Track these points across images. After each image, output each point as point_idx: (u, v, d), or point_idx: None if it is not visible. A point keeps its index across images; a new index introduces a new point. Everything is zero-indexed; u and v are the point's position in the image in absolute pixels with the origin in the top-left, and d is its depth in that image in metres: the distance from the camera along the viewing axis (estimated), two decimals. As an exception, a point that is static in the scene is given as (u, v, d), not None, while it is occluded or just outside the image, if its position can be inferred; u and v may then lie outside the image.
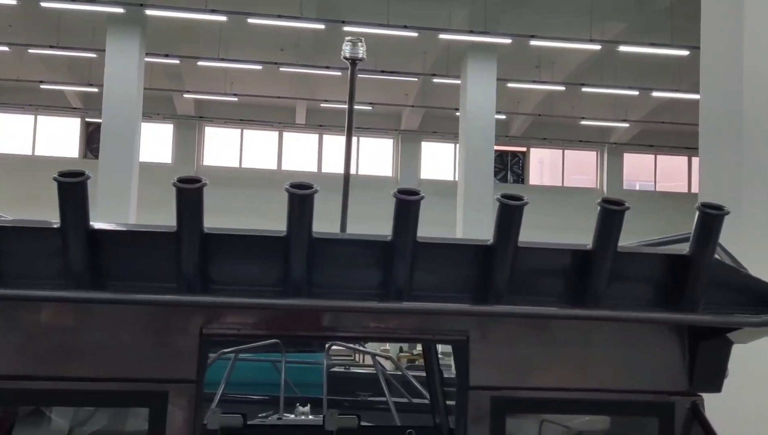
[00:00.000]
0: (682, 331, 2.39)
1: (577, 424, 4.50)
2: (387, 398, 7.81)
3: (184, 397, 2.22)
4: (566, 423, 4.44)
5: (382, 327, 2.33)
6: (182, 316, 2.22)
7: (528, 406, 2.47)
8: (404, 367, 10.88)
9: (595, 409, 2.56)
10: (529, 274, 2.10)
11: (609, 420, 2.93)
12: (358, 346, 12.67)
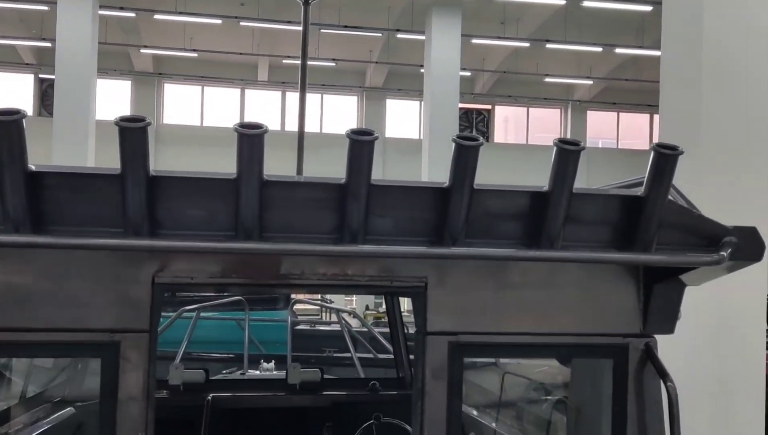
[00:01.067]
0: (636, 274, 2.41)
1: (537, 374, 4.61)
2: (352, 353, 7.88)
3: (137, 348, 2.17)
4: (524, 372, 4.53)
5: (340, 274, 2.30)
6: (132, 264, 2.16)
7: (485, 351, 2.49)
8: (370, 324, 10.95)
9: (551, 352, 2.60)
10: (486, 217, 2.08)
11: (567, 372, 2.98)
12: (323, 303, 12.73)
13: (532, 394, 4.52)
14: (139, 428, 2.18)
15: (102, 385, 2.18)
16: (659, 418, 2.46)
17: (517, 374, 5.01)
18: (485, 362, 5.20)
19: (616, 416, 2.45)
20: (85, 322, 2.14)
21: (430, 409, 2.33)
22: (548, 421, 4.06)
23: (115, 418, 2.17)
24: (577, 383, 2.96)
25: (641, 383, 2.44)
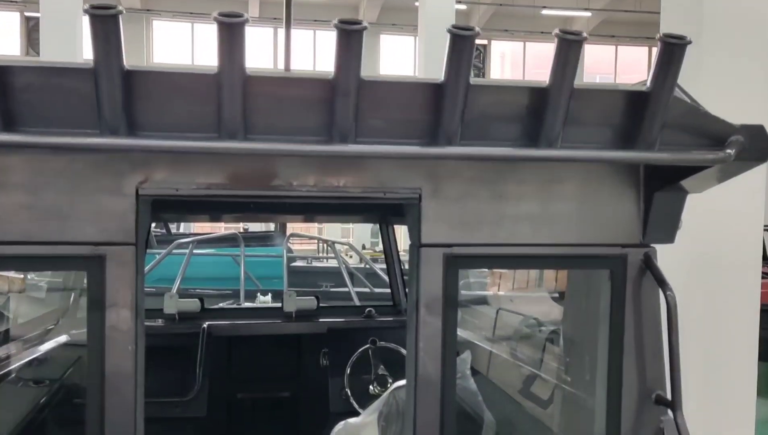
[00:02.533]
0: (636, 182, 2.34)
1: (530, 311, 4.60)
2: (347, 284, 7.90)
3: (123, 261, 2.11)
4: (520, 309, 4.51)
5: (331, 186, 2.22)
6: (114, 175, 2.07)
7: (480, 262, 2.43)
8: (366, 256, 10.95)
9: (548, 262, 2.55)
10: (482, 117, 1.99)
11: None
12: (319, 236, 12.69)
13: (525, 329, 4.52)
14: (129, 342, 2.14)
15: (89, 299, 2.13)
16: (657, 328, 2.42)
17: (510, 311, 5.03)
18: (479, 301, 5.21)
19: (613, 327, 2.42)
20: (68, 234, 2.07)
21: (425, 322, 2.29)
22: (543, 346, 4.06)
23: (104, 334, 2.12)
24: (573, 299, 2.93)
25: (639, 293, 2.40)
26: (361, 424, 3.21)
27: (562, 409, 3.12)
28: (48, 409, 3.66)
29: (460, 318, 4.18)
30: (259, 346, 5.32)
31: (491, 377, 4.25)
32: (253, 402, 5.57)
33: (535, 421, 3.64)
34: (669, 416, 2.44)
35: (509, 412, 3.74)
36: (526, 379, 3.94)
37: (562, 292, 3.46)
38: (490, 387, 4.00)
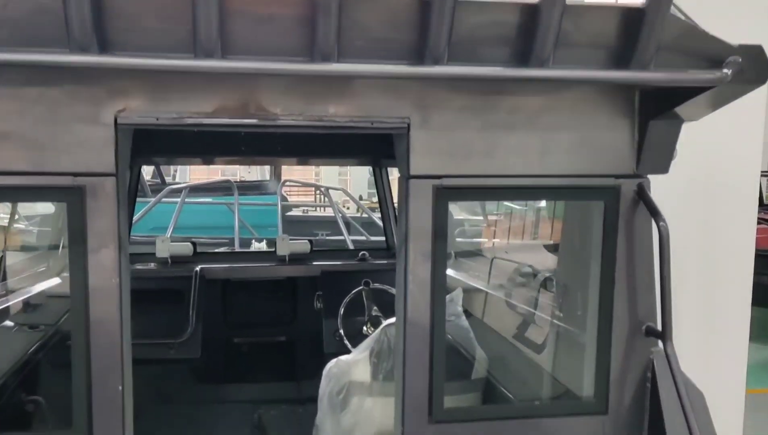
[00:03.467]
0: (631, 110, 2.28)
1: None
2: (342, 231, 7.88)
3: (103, 193, 2.06)
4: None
5: (316, 114, 2.15)
6: (91, 103, 2.01)
7: (471, 194, 2.39)
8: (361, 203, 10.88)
9: (540, 194, 2.51)
10: (471, 35, 1.91)
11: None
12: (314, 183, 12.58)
13: (520, 276, 4.50)
14: (112, 276, 2.11)
15: (69, 232, 2.09)
16: (649, 260, 2.40)
17: (505, 259, 5.01)
18: (474, 252, 5.18)
19: (604, 260, 2.39)
20: (45, 165, 2.02)
21: (415, 254, 2.26)
22: (537, 292, 4.05)
23: (86, 267, 2.09)
24: (567, 235, 2.90)
25: (632, 225, 2.36)
26: (353, 361, 3.21)
27: (556, 347, 3.12)
28: (43, 353, 3.66)
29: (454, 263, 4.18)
30: (254, 291, 5.32)
31: (485, 321, 4.26)
32: (249, 346, 5.61)
33: (528, 360, 3.65)
34: (659, 348, 2.44)
35: (502, 352, 3.76)
36: (520, 324, 3.94)
37: (556, 244, 3.45)
38: (484, 329, 4.00)
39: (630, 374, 2.44)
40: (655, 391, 2.40)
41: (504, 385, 3.41)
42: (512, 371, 3.66)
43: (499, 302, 4.40)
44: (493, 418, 2.41)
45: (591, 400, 2.45)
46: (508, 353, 3.78)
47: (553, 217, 4.75)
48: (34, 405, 3.26)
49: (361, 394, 3.18)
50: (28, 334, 3.80)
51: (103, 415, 2.14)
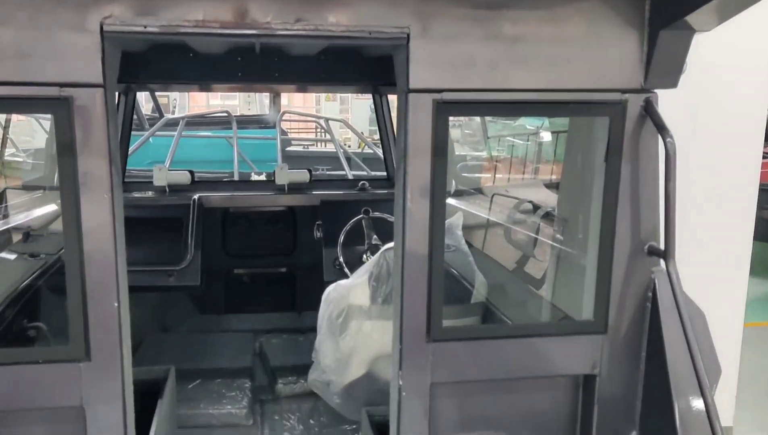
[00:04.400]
0: (640, 20, 2.18)
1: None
2: (343, 164, 7.79)
3: (91, 104, 2.00)
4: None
5: (312, 25, 2.06)
6: (77, 8, 1.92)
7: (472, 109, 2.32)
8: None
9: (544, 110, 2.43)
10: None
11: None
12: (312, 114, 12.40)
13: (520, 211, 4.45)
14: (104, 190, 2.06)
15: (58, 146, 2.03)
16: (654, 178, 2.35)
17: (506, 195, 4.95)
18: (474, 191, 5.12)
19: (608, 178, 2.33)
20: (31, 74, 1.95)
21: (414, 171, 2.21)
22: (537, 226, 4.01)
23: (77, 180, 2.04)
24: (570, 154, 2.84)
25: (638, 141, 2.30)
26: (352, 285, 3.21)
27: (556, 275, 3.11)
28: (43, 280, 3.65)
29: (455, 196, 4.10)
30: (253, 222, 5.30)
31: (485, 252, 4.24)
32: (249, 277, 5.62)
33: (527, 289, 3.65)
34: (660, 267, 2.41)
35: (502, 280, 3.75)
36: (520, 258, 3.92)
37: (557, 182, 3.38)
38: (484, 259, 3.99)
39: (630, 294, 2.42)
40: (655, 310, 2.39)
41: (503, 311, 3.41)
42: (511, 298, 3.66)
43: (499, 236, 4.38)
44: (492, 337, 2.40)
45: (590, 320, 2.44)
46: (507, 282, 3.78)
47: (554, 159, 4.69)
48: (36, 331, 3.28)
49: (359, 318, 3.19)
50: (28, 262, 3.80)
51: (99, 332, 2.13)
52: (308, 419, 4.12)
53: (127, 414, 2.23)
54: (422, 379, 2.35)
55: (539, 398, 2.52)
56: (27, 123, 7.07)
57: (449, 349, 2.35)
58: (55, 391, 2.15)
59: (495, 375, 2.41)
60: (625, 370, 2.45)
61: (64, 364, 2.14)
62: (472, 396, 2.48)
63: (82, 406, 2.16)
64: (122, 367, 2.18)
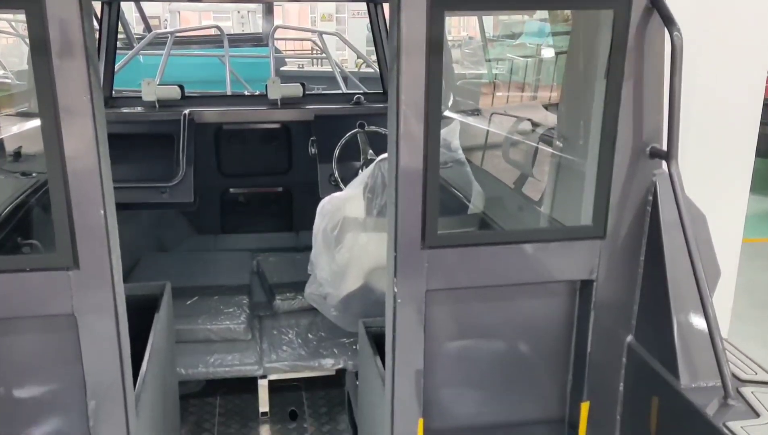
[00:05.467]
0: None
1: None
2: (339, 82, 7.61)
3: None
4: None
5: None
6: None
7: (468, 3, 2.20)
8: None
9: (544, 3, 2.31)
10: None
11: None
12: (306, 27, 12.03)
13: (519, 130, 4.34)
14: (83, 92, 1.97)
15: (31, 44, 1.92)
16: (659, 75, 2.25)
17: (505, 114, 4.82)
18: (472, 112, 4.98)
19: (611, 75, 2.23)
20: None
21: (408, 72, 2.10)
22: (536, 146, 3.91)
23: (53, 82, 1.94)
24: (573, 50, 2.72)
25: (642, 37, 2.19)
26: (347, 197, 3.15)
27: (555, 188, 3.04)
28: (35, 198, 3.60)
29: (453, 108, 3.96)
30: (248, 140, 5.20)
31: (483, 168, 4.17)
32: (245, 197, 5.57)
33: (525, 202, 3.59)
34: (662, 170, 2.35)
35: (499, 193, 3.70)
36: (518, 178, 3.85)
37: (555, 103, 3.26)
38: (481, 172, 3.92)
39: (630, 198, 2.36)
40: (655, 214, 2.34)
41: (500, 224, 3.37)
42: (509, 211, 3.61)
43: (497, 157, 4.30)
44: (488, 243, 2.36)
45: (588, 225, 2.39)
46: (505, 195, 3.72)
47: (554, 82, 4.54)
48: (30, 248, 3.24)
49: (355, 230, 3.15)
50: (20, 181, 3.73)
51: (86, 239, 2.09)
52: (306, 334, 4.16)
53: (120, 323, 2.21)
54: (417, 286, 2.32)
55: (535, 305, 2.50)
56: (16, 43, 6.86)
57: (444, 256, 2.31)
58: (46, 299, 2.12)
59: (491, 281, 2.38)
60: (622, 275, 2.43)
61: (53, 272, 2.10)
62: (468, 303, 2.46)
63: (73, 314, 2.14)
64: (112, 275, 2.14)
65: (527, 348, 2.55)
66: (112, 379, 2.23)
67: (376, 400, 2.74)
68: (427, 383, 2.44)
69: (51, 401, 2.29)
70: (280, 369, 3.94)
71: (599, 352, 2.49)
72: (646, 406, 2.39)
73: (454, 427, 2.55)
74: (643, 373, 2.41)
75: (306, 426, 3.98)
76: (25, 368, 2.25)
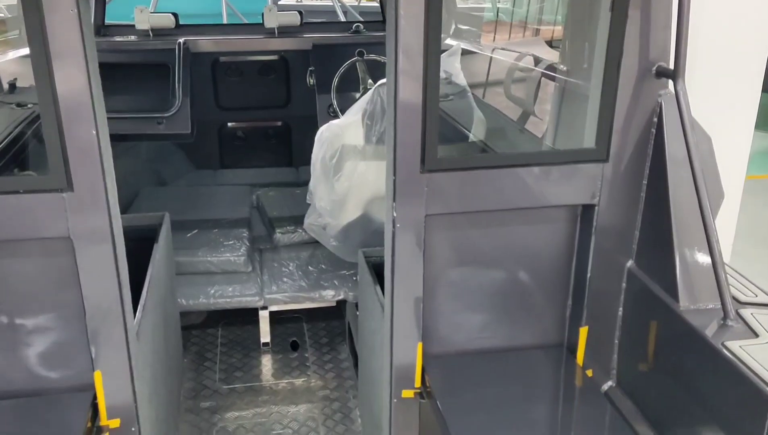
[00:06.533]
0: None
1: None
2: (337, 11, 7.42)
3: None
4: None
5: None
6: None
7: None
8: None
9: None
10: None
11: None
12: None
13: (519, 71, 4.22)
14: (69, 4, 1.90)
15: None
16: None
17: (507, 49, 4.69)
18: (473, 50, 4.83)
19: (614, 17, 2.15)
20: None
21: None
22: (537, 84, 3.81)
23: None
24: None
25: None
26: (345, 124, 3.09)
27: (558, 116, 2.98)
28: (32, 129, 3.54)
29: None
30: (245, 72, 5.10)
31: (484, 100, 4.09)
32: (244, 131, 5.51)
33: (527, 134, 3.53)
34: (668, 90, 2.29)
35: (500, 123, 3.63)
36: (521, 114, 3.77)
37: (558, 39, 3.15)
38: (481, 103, 3.84)
39: (635, 120, 2.31)
40: (660, 135, 2.29)
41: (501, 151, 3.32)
42: (510, 141, 3.56)
43: (499, 94, 4.21)
44: (488, 166, 2.31)
45: (591, 148, 2.34)
46: (506, 126, 3.66)
47: (555, 23, 4.38)
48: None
49: (354, 158, 3.10)
50: (15, 112, 3.67)
51: (79, 160, 2.05)
52: (307, 266, 4.16)
53: (117, 247, 2.19)
54: (417, 210, 2.29)
55: (536, 230, 2.48)
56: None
57: (444, 180, 2.27)
58: (42, 222, 2.10)
59: (491, 206, 2.35)
60: (625, 199, 2.39)
61: (47, 194, 2.08)
62: (467, 229, 2.44)
63: (69, 237, 2.12)
64: (107, 198, 2.12)
65: (527, 273, 2.54)
66: (110, 303, 2.23)
67: (376, 327, 2.75)
68: (426, 308, 2.44)
69: (51, 326, 2.30)
70: (281, 300, 3.96)
71: (599, 277, 2.48)
72: (645, 330, 2.39)
73: (453, 352, 2.56)
74: (642, 297, 2.40)
75: (307, 356, 4.03)
76: (24, 292, 2.25)
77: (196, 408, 3.60)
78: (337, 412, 3.57)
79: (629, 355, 2.50)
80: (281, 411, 3.58)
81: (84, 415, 2.25)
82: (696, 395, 2.10)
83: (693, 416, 2.15)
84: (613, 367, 2.56)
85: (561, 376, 2.54)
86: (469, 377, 2.47)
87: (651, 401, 2.37)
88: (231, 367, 3.94)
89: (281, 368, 3.93)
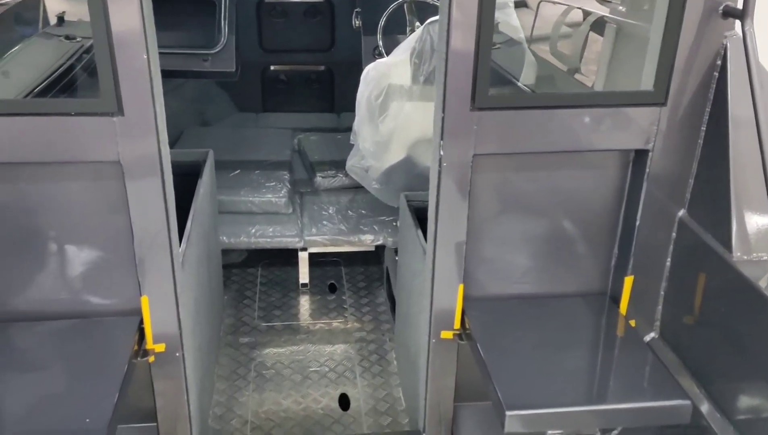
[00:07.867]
0: None
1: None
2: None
3: None
4: None
5: None
6: None
7: None
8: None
9: None
10: None
11: None
12: None
13: (570, 18, 4.04)
14: None
15: None
16: None
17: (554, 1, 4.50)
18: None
19: None
20: None
21: None
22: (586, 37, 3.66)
23: None
24: None
25: None
26: (393, 63, 3.03)
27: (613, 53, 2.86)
28: (80, 63, 3.56)
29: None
30: (290, 15, 5.04)
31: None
32: (287, 74, 5.48)
33: (579, 82, 3.43)
34: (735, 32, 2.18)
35: (550, 71, 3.53)
36: (570, 68, 3.65)
37: None
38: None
39: (697, 62, 2.21)
40: (723, 80, 2.19)
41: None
42: (560, 88, 3.46)
43: (544, 51, 4.07)
44: (541, 106, 2.25)
45: (649, 91, 2.25)
46: (556, 73, 3.55)
47: None
48: None
49: (400, 98, 3.05)
50: (64, 44, 3.69)
51: (130, 84, 2.05)
52: (347, 210, 4.17)
53: (164, 173, 2.21)
54: (464, 150, 2.25)
55: (584, 175, 2.42)
56: None
57: (495, 119, 2.22)
58: (92, 145, 2.12)
59: (540, 148, 2.30)
60: (681, 145, 2.31)
61: (98, 118, 2.09)
62: (514, 172, 2.39)
63: (119, 162, 2.14)
64: (156, 124, 2.12)
65: (572, 220, 2.49)
66: (158, 230, 2.26)
67: (417, 269, 2.74)
68: (468, 250, 2.42)
69: (99, 250, 2.34)
70: (320, 242, 3.98)
71: (648, 226, 2.42)
72: (693, 281, 2.34)
73: (493, 296, 2.55)
74: (692, 247, 2.34)
75: (345, 298, 4.06)
76: (73, 216, 2.29)
77: (236, 343, 3.67)
78: (373, 353, 3.60)
79: (675, 306, 2.46)
80: (318, 350, 3.63)
81: (131, 337, 2.30)
82: (743, 349, 2.05)
83: (739, 370, 2.10)
84: (657, 318, 2.51)
85: (603, 325, 2.50)
86: (509, 321, 2.45)
87: (695, 354, 2.33)
88: (270, 305, 4.00)
89: (319, 309, 3.97)
